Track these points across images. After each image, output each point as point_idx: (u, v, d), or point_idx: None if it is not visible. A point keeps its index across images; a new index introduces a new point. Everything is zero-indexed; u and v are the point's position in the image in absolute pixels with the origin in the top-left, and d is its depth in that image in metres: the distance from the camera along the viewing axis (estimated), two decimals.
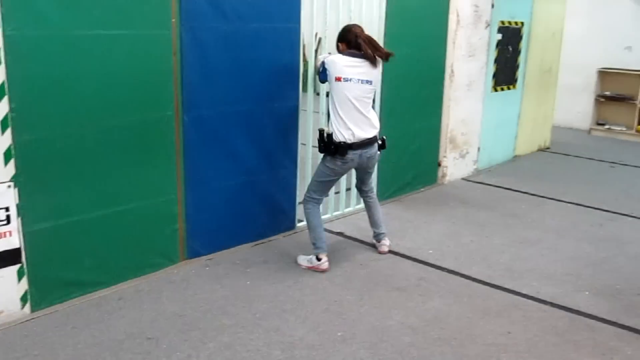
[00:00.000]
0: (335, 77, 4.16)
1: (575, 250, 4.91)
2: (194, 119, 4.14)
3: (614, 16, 9.66)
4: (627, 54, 9.65)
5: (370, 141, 4.31)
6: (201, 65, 4.10)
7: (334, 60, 4.19)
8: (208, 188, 4.36)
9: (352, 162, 4.30)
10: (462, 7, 6.25)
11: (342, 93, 4.17)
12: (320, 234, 4.40)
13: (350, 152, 4.22)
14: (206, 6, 4.01)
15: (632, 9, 9.48)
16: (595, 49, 9.82)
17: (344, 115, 4.19)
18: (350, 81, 4.15)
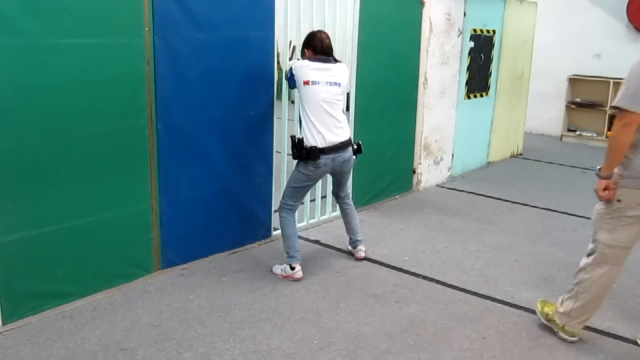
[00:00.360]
0: (303, 81, 4.18)
1: (549, 256, 4.98)
2: (167, 127, 4.12)
3: (583, 24, 9.84)
4: (597, 61, 9.83)
5: (343, 145, 4.32)
6: (175, 73, 4.08)
7: (302, 65, 4.23)
8: (182, 197, 4.33)
9: (326, 166, 4.30)
10: (434, 16, 6.31)
11: (311, 96, 4.18)
12: (293, 243, 4.38)
13: (322, 156, 4.21)
14: (179, 15, 4.00)
15: (601, 17, 9.67)
16: (565, 56, 9.99)
17: (315, 119, 4.20)
18: (319, 84, 4.18)
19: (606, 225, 3.29)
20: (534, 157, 8.77)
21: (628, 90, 3.02)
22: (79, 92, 3.60)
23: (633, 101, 2.99)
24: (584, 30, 9.85)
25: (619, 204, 3.21)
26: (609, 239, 3.28)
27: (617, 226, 3.24)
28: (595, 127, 9.89)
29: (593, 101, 9.82)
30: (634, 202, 3.16)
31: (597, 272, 3.35)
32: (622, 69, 9.38)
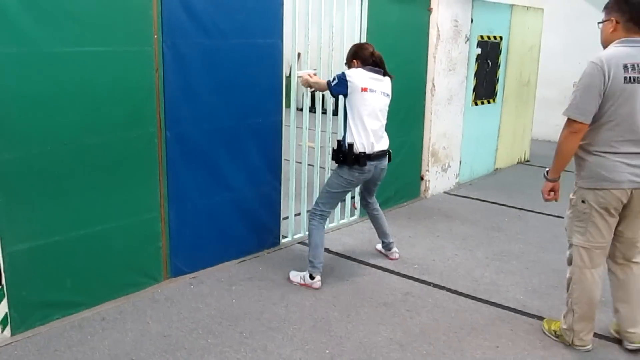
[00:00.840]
0: (361, 87, 4.19)
1: (559, 263, 4.91)
2: (176, 136, 4.10)
3: (588, 30, 9.72)
4: None
5: (384, 153, 4.42)
6: (183, 81, 4.07)
7: (359, 72, 4.24)
8: (191, 205, 4.31)
9: (369, 172, 4.35)
10: (442, 22, 6.29)
11: (367, 103, 4.22)
12: (319, 254, 4.33)
13: (368, 163, 4.26)
14: (188, 22, 3.99)
15: None
16: (570, 62, 9.93)
17: (368, 126, 4.23)
18: (375, 92, 4.25)
19: (578, 228, 3.38)
20: (541, 164, 8.71)
21: (575, 100, 3.13)
22: (87, 100, 3.58)
23: (581, 112, 3.10)
24: (589, 36, 9.69)
25: (584, 205, 3.31)
26: (583, 241, 3.36)
27: (587, 227, 3.32)
28: None
29: None
30: (594, 201, 3.25)
31: (583, 277, 3.40)
32: None
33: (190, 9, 3.98)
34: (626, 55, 3.10)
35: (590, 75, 3.12)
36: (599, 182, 3.23)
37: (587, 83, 3.13)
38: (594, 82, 3.10)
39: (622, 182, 3.19)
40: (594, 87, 3.10)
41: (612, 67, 3.08)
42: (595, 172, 3.23)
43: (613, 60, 3.09)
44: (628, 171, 3.19)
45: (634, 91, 3.09)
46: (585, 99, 3.11)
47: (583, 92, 3.13)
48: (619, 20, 3.17)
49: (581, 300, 3.43)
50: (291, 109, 4.93)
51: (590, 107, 3.12)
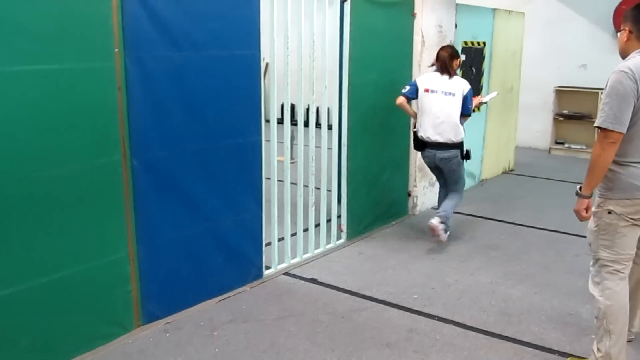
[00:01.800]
0: (424, 88, 5.16)
1: (569, 285, 4.54)
2: (144, 162, 3.58)
3: (569, 35, 9.55)
4: (583, 72, 9.54)
5: (441, 144, 5.18)
6: (151, 100, 3.56)
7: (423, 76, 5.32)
8: (164, 240, 3.79)
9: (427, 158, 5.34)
10: (426, 28, 5.90)
11: (426, 102, 5.12)
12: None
13: (427, 150, 5.23)
14: (154, 33, 3.49)
15: (586, 27, 9.39)
16: (551, 67, 9.69)
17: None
18: (436, 92, 5.14)
19: (604, 241, 3.23)
20: (526, 173, 8.39)
21: (611, 111, 3.00)
22: (39, 127, 3.05)
23: (616, 121, 2.98)
24: (569, 41, 9.56)
25: (611, 216, 3.18)
26: (610, 254, 3.21)
27: (614, 239, 3.19)
28: (583, 139, 9.57)
29: (581, 113, 9.52)
30: (624, 212, 3.15)
31: (615, 292, 3.22)
32: None
33: (157, 18, 3.48)
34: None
35: (622, 84, 3.01)
36: (629, 192, 3.11)
37: (620, 92, 3.00)
38: (627, 91, 3.00)
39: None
40: (627, 95, 3.00)
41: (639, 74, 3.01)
42: (626, 182, 3.11)
43: (638, 68, 3.02)
44: None
45: None
46: (621, 108, 2.99)
47: (617, 101, 2.99)
48: (632, 30, 3.16)
49: (617, 317, 3.21)
50: (271, 123, 4.46)
51: (626, 115, 3.00)
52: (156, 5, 3.47)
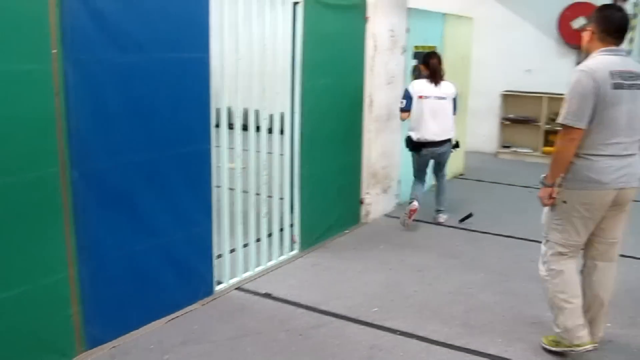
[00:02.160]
0: (418, 95, 5.76)
1: (528, 293, 4.47)
2: (85, 174, 3.29)
3: (514, 40, 9.62)
4: (528, 76, 9.63)
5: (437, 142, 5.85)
6: (92, 107, 3.28)
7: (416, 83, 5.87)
8: (107, 259, 3.50)
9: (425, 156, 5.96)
10: (379, 32, 5.76)
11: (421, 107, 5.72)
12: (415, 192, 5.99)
13: (423, 149, 5.88)
14: (97, 33, 3.20)
15: (531, 32, 9.48)
16: (497, 72, 9.74)
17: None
18: (430, 98, 5.73)
19: (556, 225, 3.46)
20: (476, 177, 8.38)
21: (571, 108, 3.22)
22: None
23: (577, 118, 3.20)
24: (515, 46, 9.63)
25: (565, 205, 3.39)
26: (560, 238, 3.45)
27: (566, 226, 3.41)
28: (530, 143, 9.67)
29: (527, 117, 9.61)
30: (578, 202, 3.34)
31: (561, 270, 3.46)
32: (553, 84, 9.31)
33: (100, 16, 3.20)
34: (611, 63, 3.24)
35: (581, 83, 3.21)
36: (586, 184, 3.30)
37: (579, 90, 3.21)
38: (587, 89, 3.19)
39: (608, 184, 3.27)
40: (587, 93, 3.19)
41: (600, 74, 3.19)
42: (583, 174, 3.30)
43: (600, 67, 3.21)
44: (614, 173, 3.27)
45: (620, 96, 3.20)
46: (581, 106, 3.20)
47: (578, 99, 3.21)
48: (595, 31, 3.34)
49: (566, 291, 3.45)
50: (221, 128, 4.22)
51: (586, 112, 3.20)
52: (99, 2, 3.20)
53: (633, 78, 3.23)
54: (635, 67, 3.28)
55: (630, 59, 3.37)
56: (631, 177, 3.31)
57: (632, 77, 3.23)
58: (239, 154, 4.43)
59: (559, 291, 3.45)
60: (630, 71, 3.23)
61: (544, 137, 9.45)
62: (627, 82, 3.21)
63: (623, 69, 3.21)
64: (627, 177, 3.29)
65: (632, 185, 3.33)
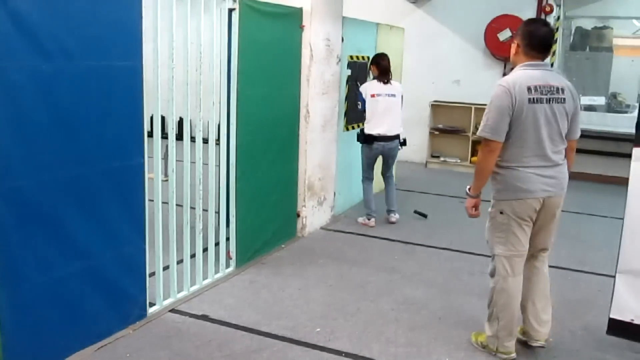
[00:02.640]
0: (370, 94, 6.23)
1: (469, 308, 4.44)
2: (5, 193, 2.99)
3: (443, 51, 9.75)
4: (457, 87, 9.78)
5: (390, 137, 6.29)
6: (12, 118, 2.98)
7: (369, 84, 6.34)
8: (30, 284, 3.20)
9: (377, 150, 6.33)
10: (315, 41, 5.63)
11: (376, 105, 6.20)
12: (371, 205, 6.38)
13: (375, 142, 6.25)
14: (19, 39, 2.91)
15: (459, 44, 9.63)
16: (427, 82, 9.84)
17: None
18: (381, 95, 6.17)
19: (499, 238, 3.55)
20: (406, 187, 8.37)
21: (489, 122, 3.36)
22: None
23: (494, 132, 3.34)
24: (444, 57, 9.77)
25: (502, 216, 3.50)
26: (504, 250, 3.54)
27: (508, 237, 3.51)
28: (458, 152, 9.81)
29: (455, 127, 9.74)
30: (512, 211, 3.45)
31: (506, 285, 3.55)
32: (481, 95, 9.44)
33: (21, 21, 2.91)
34: (530, 77, 3.35)
35: (499, 98, 3.33)
36: (515, 193, 3.43)
37: (497, 105, 3.34)
38: (504, 104, 3.31)
39: (535, 192, 3.40)
40: (503, 108, 3.31)
41: (517, 89, 3.30)
42: (511, 184, 3.43)
43: (518, 82, 3.32)
44: (540, 182, 3.41)
45: (538, 110, 3.33)
46: (497, 120, 3.33)
47: (495, 113, 3.34)
48: (520, 44, 3.45)
49: (505, 308, 3.56)
50: (154, 138, 3.98)
51: (502, 126, 3.33)
52: (21, 5, 2.91)
53: (552, 92, 3.35)
54: (556, 81, 3.38)
55: (553, 72, 3.52)
56: (557, 186, 3.46)
57: (551, 91, 3.34)
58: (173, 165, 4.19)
59: (500, 305, 3.58)
60: (550, 85, 3.35)
61: (471, 147, 9.59)
62: (546, 96, 3.33)
63: (542, 84, 3.33)
64: (553, 187, 3.44)
65: (558, 194, 3.49)
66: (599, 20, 9.68)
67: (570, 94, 3.41)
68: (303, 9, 5.52)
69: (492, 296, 3.63)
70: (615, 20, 9.59)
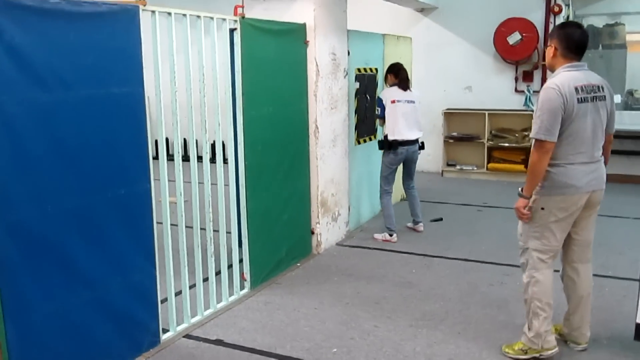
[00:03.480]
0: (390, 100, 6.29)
1: (490, 321, 4.33)
2: (8, 226, 2.96)
3: (453, 58, 9.67)
4: (469, 94, 9.68)
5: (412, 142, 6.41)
6: (13, 152, 2.96)
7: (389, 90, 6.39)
8: (37, 316, 3.16)
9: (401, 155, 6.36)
10: (320, 56, 5.59)
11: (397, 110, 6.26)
12: (392, 220, 6.32)
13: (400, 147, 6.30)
14: (15, 72, 2.89)
15: (469, 50, 9.55)
16: (438, 91, 9.76)
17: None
18: (401, 102, 6.27)
19: (535, 233, 3.65)
20: (422, 198, 8.13)
21: (543, 124, 3.45)
22: None
23: (549, 132, 3.45)
24: (453, 64, 9.68)
25: (543, 212, 3.59)
26: (539, 245, 3.65)
27: (544, 232, 3.62)
28: (474, 160, 9.67)
29: (470, 134, 9.62)
30: (555, 207, 3.56)
31: (542, 277, 3.64)
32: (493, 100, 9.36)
33: (17, 53, 2.90)
34: (575, 79, 3.49)
35: (552, 100, 3.44)
36: (562, 190, 3.54)
37: (550, 107, 3.44)
38: (556, 105, 3.43)
39: (582, 187, 3.54)
40: (556, 109, 3.43)
41: (567, 90, 3.43)
42: (558, 181, 3.54)
43: (566, 83, 3.45)
44: (586, 177, 3.55)
45: (586, 109, 3.49)
46: (551, 121, 3.44)
47: (548, 115, 3.44)
48: (557, 47, 3.57)
49: (543, 299, 3.64)
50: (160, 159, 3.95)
51: (556, 127, 3.45)
52: (15, 38, 2.89)
53: (595, 91, 3.53)
54: (596, 80, 3.57)
55: (591, 72, 3.63)
56: (600, 180, 3.64)
57: (594, 90, 3.53)
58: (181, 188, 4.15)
59: (536, 298, 3.65)
60: (592, 84, 3.53)
61: (487, 154, 9.46)
62: (590, 95, 3.50)
63: (586, 84, 3.50)
64: (596, 181, 3.61)
65: (601, 188, 3.66)
66: (610, 18, 9.52)
67: (608, 91, 3.61)
68: (307, 24, 5.49)
69: (528, 291, 3.68)
70: (626, 16, 9.43)
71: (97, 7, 3.37)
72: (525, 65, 9.26)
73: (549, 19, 8.97)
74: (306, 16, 5.49)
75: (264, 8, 5.53)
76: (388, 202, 6.33)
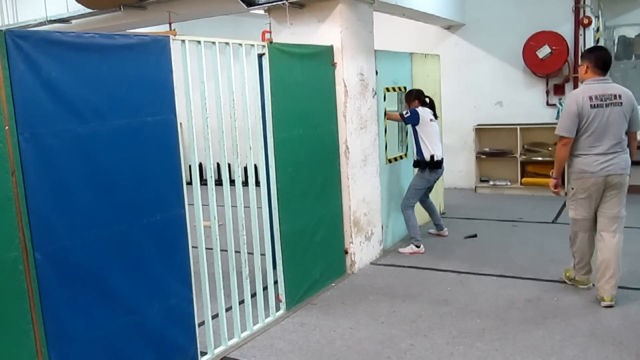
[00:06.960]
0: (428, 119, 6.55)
1: (527, 337, 4.27)
2: (49, 256, 3.05)
3: (482, 74, 9.64)
4: (499, 109, 9.63)
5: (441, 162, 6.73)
6: (52, 183, 3.06)
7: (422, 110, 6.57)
8: (80, 343, 3.24)
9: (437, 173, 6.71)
10: (348, 77, 5.65)
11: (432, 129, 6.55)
12: (417, 231, 6.52)
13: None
14: (51, 105, 3.01)
15: (498, 65, 9.52)
16: (468, 107, 9.73)
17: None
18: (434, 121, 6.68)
19: (571, 205, 4.91)
20: (458, 215, 8.22)
21: (563, 123, 4.71)
22: None
23: (566, 130, 4.68)
24: (483, 80, 9.65)
25: (573, 191, 4.84)
26: (574, 214, 4.91)
27: (576, 205, 4.86)
28: (507, 175, 9.59)
29: (502, 149, 9.54)
30: (581, 187, 4.75)
31: (576, 238, 4.97)
32: (524, 114, 9.31)
33: (54, 87, 3.02)
34: (591, 89, 4.65)
35: (569, 105, 4.69)
36: (581, 174, 4.73)
37: (568, 110, 4.69)
38: (572, 109, 4.65)
39: (596, 172, 4.65)
40: (572, 112, 4.65)
41: (582, 98, 4.63)
42: (578, 168, 4.75)
43: (582, 93, 4.66)
44: (600, 165, 4.64)
45: (598, 113, 4.61)
46: (569, 121, 4.67)
47: (566, 116, 4.69)
48: (589, 66, 4.70)
49: (577, 251, 5.01)
50: (193, 184, 4.02)
51: (572, 126, 4.67)
52: (52, 73, 3.01)
53: (610, 99, 4.61)
54: (614, 90, 4.65)
55: (613, 84, 4.71)
56: (615, 167, 4.62)
57: (609, 98, 4.61)
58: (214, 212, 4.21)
59: (574, 249, 5.02)
60: (609, 94, 4.62)
61: (521, 168, 9.37)
62: (605, 102, 4.59)
63: (601, 93, 4.60)
64: (611, 167, 4.62)
65: (616, 173, 4.62)
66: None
67: (626, 98, 4.64)
68: (334, 46, 5.56)
69: (571, 242, 5.05)
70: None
71: (129, 39, 3.48)
72: (556, 78, 9.17)
73: (579, 32, 8.88)
74: (333, 38, 5.57)
75: (291, 32, 5.63)
76: (412, 215, 6.52)
